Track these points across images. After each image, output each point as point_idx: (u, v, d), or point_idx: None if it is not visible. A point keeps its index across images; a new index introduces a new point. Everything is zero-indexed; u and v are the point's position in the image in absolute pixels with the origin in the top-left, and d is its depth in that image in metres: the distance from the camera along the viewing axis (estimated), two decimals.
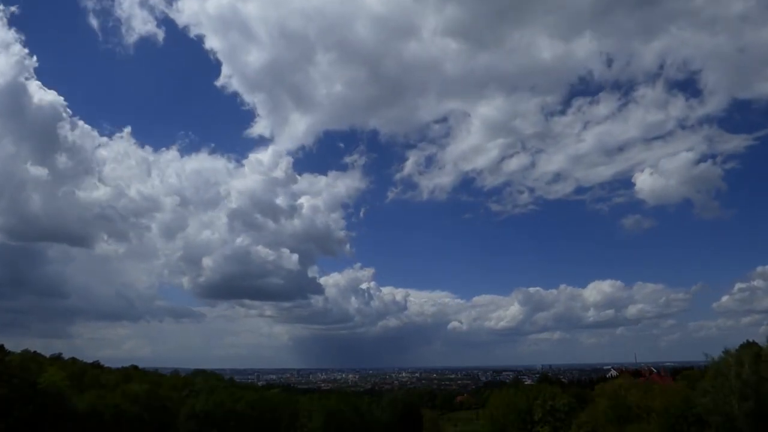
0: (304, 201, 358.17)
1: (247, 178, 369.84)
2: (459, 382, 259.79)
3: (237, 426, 63.71)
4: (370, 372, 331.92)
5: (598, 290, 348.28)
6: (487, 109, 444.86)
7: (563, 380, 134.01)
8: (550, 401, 70.03)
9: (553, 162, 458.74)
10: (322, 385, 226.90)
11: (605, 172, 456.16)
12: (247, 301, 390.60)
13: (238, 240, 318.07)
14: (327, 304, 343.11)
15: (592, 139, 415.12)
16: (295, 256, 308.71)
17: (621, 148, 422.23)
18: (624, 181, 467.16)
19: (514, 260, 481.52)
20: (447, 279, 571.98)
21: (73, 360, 77.95)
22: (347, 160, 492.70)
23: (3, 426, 45.79)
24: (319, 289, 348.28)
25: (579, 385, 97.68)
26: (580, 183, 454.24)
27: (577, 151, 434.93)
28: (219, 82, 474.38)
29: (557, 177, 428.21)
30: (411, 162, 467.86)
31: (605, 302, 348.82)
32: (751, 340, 53.37)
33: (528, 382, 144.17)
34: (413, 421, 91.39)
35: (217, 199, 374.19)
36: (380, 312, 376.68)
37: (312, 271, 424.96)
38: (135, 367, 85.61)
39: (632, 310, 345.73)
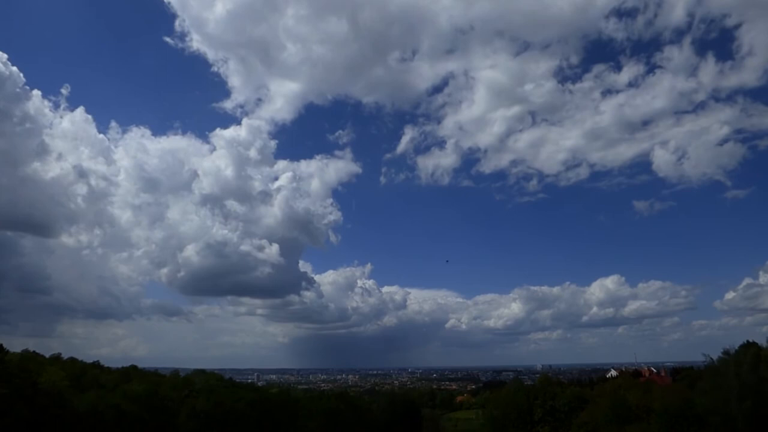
0: (286, 186, 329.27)
1: (219, 159, 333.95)
2: (459, 382, 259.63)
3: (237, 426, 63.65)
4: (371, 372, 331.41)
5: (602, 288, 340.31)
6: (492, 73, 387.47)
7: (563, 380, 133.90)
8: (550, 401, 70.03)
9: (567, 138, 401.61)
10: (322, 385, 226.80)
11: (626, 152, 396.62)
12: (234, 298, 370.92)
13: (218, 231, 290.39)
14: (323, 303, 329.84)
15: (612, 111, 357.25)
16: (282, 249, 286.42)
17: (645, 123, 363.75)
18: (645, 164, 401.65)
19: (518, 256, 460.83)
20: (447, 277, 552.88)
21: (73, 360, 78.02)
22: (333, 139, 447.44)
23: (2, 426, 45.75)
24: (310, 285, 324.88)
25: (579, 385, 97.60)
26: (595, 168, 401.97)
27: (594, 125, 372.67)
28: (173, 41, 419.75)
29: (570, 157, 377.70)
30: (407, 139, 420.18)
31: (608, 301, 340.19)
32: (750, 341, 53.51)
33: (528, 382, 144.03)
34: (413, 421, 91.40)
35: (187, 184, 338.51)
36: (379, 311, 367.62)
37: (304, 266, 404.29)
38: (135, 367, 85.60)
39: (636, 309, 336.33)
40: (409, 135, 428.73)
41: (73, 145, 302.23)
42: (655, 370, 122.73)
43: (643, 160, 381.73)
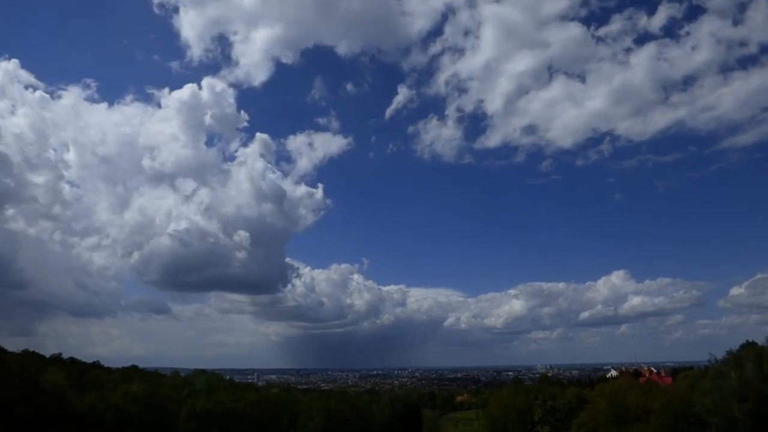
0: (261, 165, 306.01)
1: (177, 127, 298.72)
2: (459, 382, 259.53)
3: (237, 426, 63.62)
4: (371, 372, 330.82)
5: (606, 285, 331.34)
6: (500, 9, 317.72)
7: (563, 380, 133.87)
8: (550, 401, 69.98)
9: (590, 98, 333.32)
10: (322, 385, 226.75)
11: (659, 120, 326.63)
12: (219, 294, 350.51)
13: (192, 217, 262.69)
14: (319, 301, 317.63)
15: (645, 65, 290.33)
16: (265, 239, 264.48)
17: (685, 81, 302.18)
18: (679, 137, 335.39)
19: (522, 250, 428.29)
20: (447, 275, 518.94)
21: (73, 360, 78.07)
22: (309, 102, 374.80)
23: (3, 426, 45.77)
24: (297, 278, 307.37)
25: (579, 385, 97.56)
26: (619, 143, 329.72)
27: (625, 82, 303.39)
28: None
29: (593, 125, 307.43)
30: (399, 100, 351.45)
31: (612, 298, 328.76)
32: (751, 340, 53.36)
33: (528, 382, 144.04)
34: (413, 421, 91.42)
35: (144, 159, 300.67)
36: (377, 309, 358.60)
37: (297, 264, 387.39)
38: (135, 367, 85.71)
39: (640, 307, 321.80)
40: (402, 95, 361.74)
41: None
42: (655, 370, 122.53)
43: (678, 130, 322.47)
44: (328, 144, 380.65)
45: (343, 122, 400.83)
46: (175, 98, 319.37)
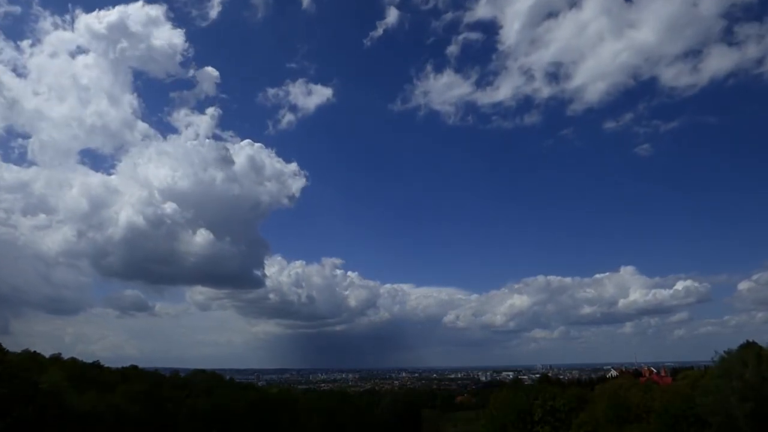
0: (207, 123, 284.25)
1: (89, 60, 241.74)
2: (459, 382, 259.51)
3: (237, 426, 63.64)
4: (371, 372, 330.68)
5: (613, 282, 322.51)
6: None
7: (563, 380, 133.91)
8: (550, 401, 69.87)
9: (634, 26, 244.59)
10: (322, 385, 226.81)
11: (720, 63, 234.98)
12: (200, 288, 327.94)
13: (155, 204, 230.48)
14: (310, 297, 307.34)
15: None
16: (241, 229, 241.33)
17: (763, 5, 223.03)
18: (739, 89, 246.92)
19: (524, 244, 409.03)
20: (447, 274, 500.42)
21: (73, 360, 77.99)
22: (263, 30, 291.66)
23: (3, 426, 45.76)
24: (286, 274, 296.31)
25: (579, 385, 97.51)
26: (657, 101, 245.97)
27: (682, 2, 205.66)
28: None
29: (633, 67, 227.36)
30: (388, 23, 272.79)
31: (614, 296, 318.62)
32: (751, 340, 53.35)
33: (528, 382, 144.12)
34: (413, 421, 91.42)
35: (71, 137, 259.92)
36: (376, 308, 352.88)
37: (279, 256, 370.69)
38: (135, 367, 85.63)
39: (643, 305, 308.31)
40: (391, 17, 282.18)
41: None
42: (655, 370, 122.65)
43: (738, 81, 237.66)
44: (303, 98, 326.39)
45: (319, 65, 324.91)
46: (88, 25, 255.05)
